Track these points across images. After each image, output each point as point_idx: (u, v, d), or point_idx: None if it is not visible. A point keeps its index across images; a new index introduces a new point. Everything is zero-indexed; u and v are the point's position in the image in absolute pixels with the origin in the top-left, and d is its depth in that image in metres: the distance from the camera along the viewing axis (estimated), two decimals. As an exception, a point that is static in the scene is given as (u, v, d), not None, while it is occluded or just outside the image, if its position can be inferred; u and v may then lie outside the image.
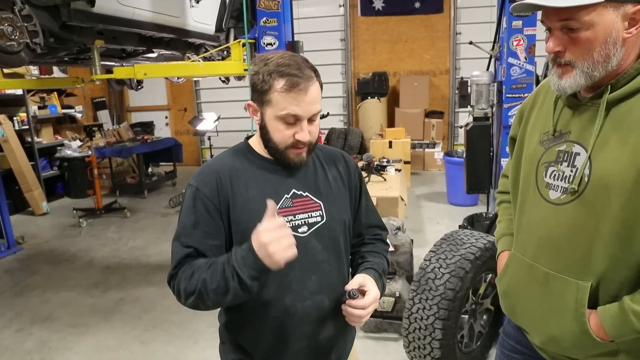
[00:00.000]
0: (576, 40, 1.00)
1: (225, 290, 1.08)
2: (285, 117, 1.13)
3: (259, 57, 1.20)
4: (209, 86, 8.96)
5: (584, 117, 1.08)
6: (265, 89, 1.13)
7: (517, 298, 1.24)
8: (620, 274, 1.02)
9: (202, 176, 1.20)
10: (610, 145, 1.02)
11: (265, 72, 1.13)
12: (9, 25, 2.32)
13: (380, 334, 3.00)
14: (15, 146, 6.10)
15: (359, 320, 1.19)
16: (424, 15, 8.11)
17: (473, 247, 2.39)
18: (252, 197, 1.18)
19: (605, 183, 1.01)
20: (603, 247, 1.03)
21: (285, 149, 1.17)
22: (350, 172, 1.35)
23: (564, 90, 1.06)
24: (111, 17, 3.06)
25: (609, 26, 0.98)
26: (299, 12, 7.51)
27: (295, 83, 1.10)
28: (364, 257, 1.35)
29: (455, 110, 8.32)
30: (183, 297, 1.15)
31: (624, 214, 0.99)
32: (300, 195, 1.22)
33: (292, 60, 1.13)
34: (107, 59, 4.16)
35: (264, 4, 3.38)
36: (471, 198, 5.67)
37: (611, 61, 1.00)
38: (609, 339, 1.04)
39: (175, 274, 1.16)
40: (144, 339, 3.13)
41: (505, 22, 3.45)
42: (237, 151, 1.26)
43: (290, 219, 1.20)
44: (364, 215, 1.39)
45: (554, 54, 1.05)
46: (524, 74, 3.44)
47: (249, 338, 1.26)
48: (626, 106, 1.02)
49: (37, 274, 4.32)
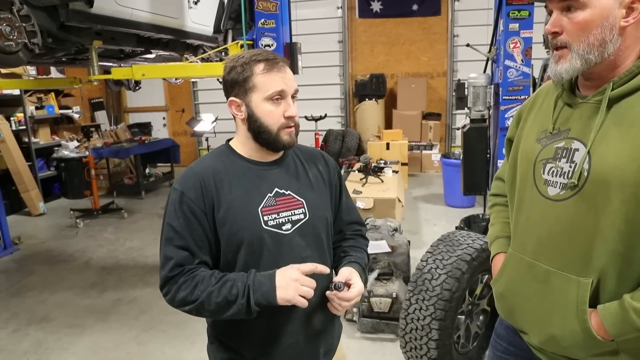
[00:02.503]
0: (573, 21, 1.03)
1: (228, 304, 1.13)
2: (272, 96, 1.19)
3: (228, 59, 1.27)
4: (206, 87, 8.97)
5: (585, 114, 1.09)
6: (247, 75, 1.19)
7: (515, 298, 1.23)
8: (621, 270, 1.02)
9: (186, 180, 1.22)
10: (610, 140, 1.02)
11: (242, 62, 1.20)
12: (7, 25, 2.32)
13: (377, 334, 3.01)
14: (12, 146, 6.08)
15: (342, 309, 1.26)
16: (421, 18, 8.14)
17: (469, 248, 2.40)
18: (236, 197, 1.20)
19: (605, 177, 1.01)
20: (603, 242, 1.03)
21: (278, 131, 1.21)
22: (330, 171, 1.39)
23: (560, 74, 1.07)
24: (109, 17, 3.06)
25: (606, 10, 1.00)
26: (297, 14, 7.53)
27: (274, 63, 1.19)
28: (346, 251, 1.39)
29: (452, 112, 8.35)
30: (179, 304, 1.18)
31: (624, 208, 0.99)
32: (283, 193, 1.25)
33: (263, 51, 1.23)
34: (105, 60, 4.16)
35: (262, 6, 3.39)
36: (468, 200, 5.69)
37: (607, 47, 1.02)
38: (610, 337, 1.03)
39: (173, 277, 1.17)
40: (141, 340, 3.13)
41: (502, 24, 3.48)
42: (220, 153, 1.29)
43: (274, 217, 1.22)
44: (345, 212, 1.43)
45: (552, 35, 1.07)
46: (521, 76, 3.47)
47: (237, 337, 1.28)
48: (627, 103, 1.03)
49: (33, 275, 4.31)
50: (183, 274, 1.17)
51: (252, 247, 1.20)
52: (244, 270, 1.20)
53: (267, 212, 1.22)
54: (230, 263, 1.22)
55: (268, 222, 1.21)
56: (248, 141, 1.26)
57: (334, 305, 1.25)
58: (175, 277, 1.17)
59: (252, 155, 1.27)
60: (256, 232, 1.20)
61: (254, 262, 1.20)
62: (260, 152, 1.27)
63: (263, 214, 1.21)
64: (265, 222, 1.21)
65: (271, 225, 1.21)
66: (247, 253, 1.20)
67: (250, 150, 1.27)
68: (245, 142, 1.27)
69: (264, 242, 1.20)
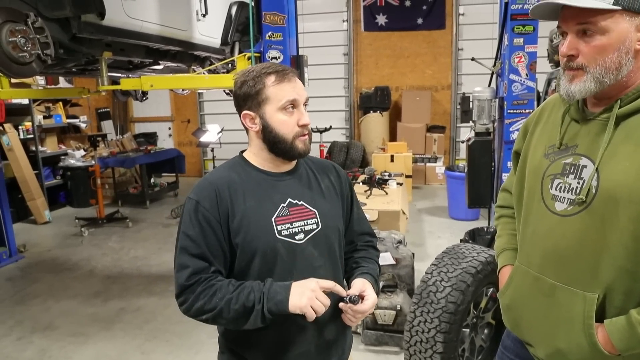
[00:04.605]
0: (590, 45, 1.03)
1: (246, 311, 1.15)
2: (285, 106, 1.22)
3: (238, 74, 1.29)
4: (212, 98, 9.04)
5: (592, 131, 1.10)
6: (259, 88, 1.22)
7: (521, 311, 1.24)
8: (628, 286, 1.03)
9: (201, 190, 1.23)
10: (619, 158, 1.03)
11: (254, 76, 1.23)
12: (22, 37, 2.37)
13: (381, 347, 3.00)
14: (19, 155, 6.14)
15: (356, 321, 1.27)
16: (426, 31, 8.21)
17: (474, 261, 2.40)
18: (250, 207, 1.22)
19: (613, 195, 1.02)
20: (610, 258, 1.03)
21: (293, 140, 1.24)
22: (342, 182, 1.41)
23: (573, 94, 1.08)
24: (120, 29, 3.11)
25: (623, 35, 1.01)
26: (303, 27, 7.57)
27: (284, 74, 1.23)
28: (357, 262, 1.40)
29: (457, 125, 8.37)
30: (195, 313, 1.19)
31: (632, 225, 1.00)
32: (296, 204, 1.27)
33: (272, 64, 1.27)
34: (114, 70, 4.21)
35: (269, 19, 3.44)
36: (472, 212, 5.68)
37: (622, 70, 1.03)
38: (616, 352, 1.04)
39: (190, 285, 1.18)
40: (145, 349, 3.13)
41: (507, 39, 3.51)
42: (234, 164, 1.31)
43: (288, 227, 1.24)
44: (356, 223, 1.45)
45: (567, 57, 1.07)
46: (525, 90, 3.49)
47: (249, 345, 1.28)
48: (635, 121, 1.04)
49: (38, 283, 4.32)
50: (200, 282, 1.18)
51: (266, 257, 1.21)
52: (258, 279, 1.21)
53: (281, 222, 1.23)
54: (244, 272, 1.23)
55: (281, 232, 1.23)
56: (262, 152, 1.28)
57: (347, 317, 1.27)
58: (192, 285, 1.18)
59: (265, 166, 1.29)
60: (270, 242, 1.21)
61: (267, 271, 1.21)
62: (274, 163, 1.29)
63: (277, 224, 1.23)
64: (279, 231, 1.22)
65: (284, 235, 1.23)
66: (261, 262, 1.21)
67: (263, 161, 1.29)
68: (258, 154, 1.29)
69: (278, 252, 1.22)
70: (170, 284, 4.00)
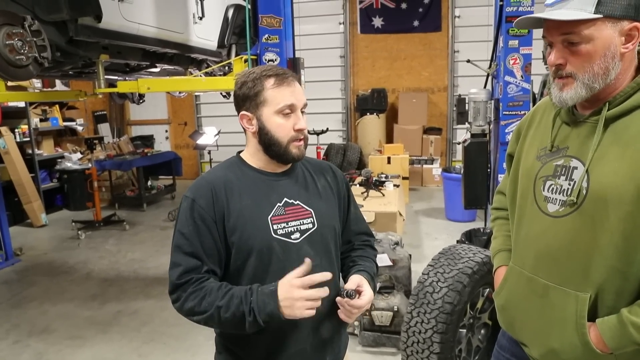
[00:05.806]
0: (577, 53, 1.05)
1: (237, 320, 1.15)
2: (283, 109, 1.23)
3: (239, 75, 1.30)
4: (209, 101, 9.04)
5: (582, 133, 1.12)
6: (258, 89, 1.23)
7: (516, 311, 1.26)
8: (619, 285, 1.05)
9: (198, 188, 1.25)
10: (608, 159, 1.05)
11: (254, 78, 1.24)
12: (19, 40, 2.38)
13: (378, 348, 3.01)
14: (15, 158, 6.12)
15: (352, 317, 1.28)
16: (422, 34, 8.24)
17: (471, 262, 2.41)
18: (245, 206, 1.23)
19: (603, 196, 1.04)
20: (601, 258, 1.05)
21: (288, 144, 1.25)
22: (338, 182, 1.42)
23: (565, 102, 1.10)
24: (117, 32, 3.11)
25: (608, 40, 1.03)
26: (300, 29, 7.62)
27: (284, 78, 1.24)
28: (354, 261, 1.41)
29: (453, 127, 8.40)
30: (187, 313, 1.20)
31: (622, 226, 1.02)
32: (292, 203, 1.28)
33: (273, 66, 1.27)
34: (111, 73, 4.22)
35: (266, 22, 3.46)
36: (469, 214, 5.70)
37: (610, 74, 1.05)
38: (608, 351, 1.05)
39: (181, 284, 1.19)
40: (142, 352, 3.13)
41: (502, 41, 3.54)
42: (231, 164, 1.32)
43: (283, 226, 1.25)
44: (353, 222, 1.45)
45: (556, 66, 1.09)
46: (521, 92, 3.51)
47: (245, 344, 1.29)
48: (623, 123, 1.06)
49: (34, 286, 4.31)
50: (191, 283, 1.18)
51: (262, 256, 1.22)
52: (253, 278, 1.22)
53: (277, 221, 1.24)
54: (240, 271, 1.24)
55: (277, 231, 1.24)
56: (258, 153, 1.29)
57: (344, 312, 1.27)
58: (183, 285, 1.19)
59: (262, 167, 1.30)
60: (265, 241, 1.22)
61: (262, 270, 1.22)
62: (270, 164, 1.30)
63: (272, 223, 1.24)
64: (275, 230, 1.23)
65: (280, 234, 1.24)
66: (256, 261, 1.22)
67: (260, 162, 1.30)
68: (255, 154, 1.30)
69: (273, 251, 1.23)
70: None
